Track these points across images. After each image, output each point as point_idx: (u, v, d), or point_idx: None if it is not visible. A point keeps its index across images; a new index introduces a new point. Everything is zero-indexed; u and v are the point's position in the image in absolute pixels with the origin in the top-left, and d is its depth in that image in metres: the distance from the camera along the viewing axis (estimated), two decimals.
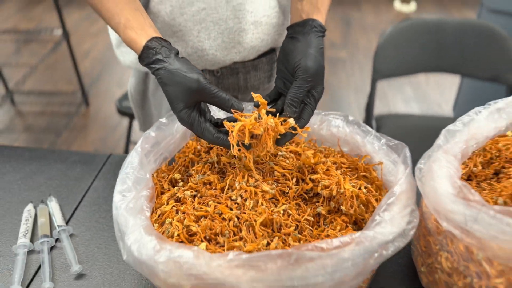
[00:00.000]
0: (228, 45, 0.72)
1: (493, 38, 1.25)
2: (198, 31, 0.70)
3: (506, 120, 0.61)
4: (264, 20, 0.73)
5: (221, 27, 0.70)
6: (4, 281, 0.58)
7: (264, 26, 0.73)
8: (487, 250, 0.43)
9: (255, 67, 0.79)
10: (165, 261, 0.45)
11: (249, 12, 0.70)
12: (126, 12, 0.58)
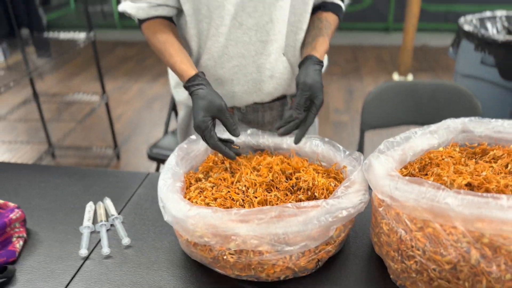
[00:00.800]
0: (251, 90, 0.99)
1: (461, 96, 1.51)
2: (232, 80, 0.97)
3: (437, 139, 0.85)
4: (278, 75, 0.99)
5: (248, 78, 0.97)
6: (75, 250, 0.80)
7: (278, 79, 1.00)
8: (406, 209, 0.65)
9: (271, 107, 1.05)
10: (193, 215, 0.67)
11: (268, 69, 0.97)
12: (181, 55, 0.87)
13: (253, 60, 0.95)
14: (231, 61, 0.95)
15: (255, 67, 0.96)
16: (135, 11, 0.92)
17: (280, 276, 0.72)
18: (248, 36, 0.92)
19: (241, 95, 1.00)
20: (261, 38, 0.92)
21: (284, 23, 0.92)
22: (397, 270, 0.71)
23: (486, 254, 0.60)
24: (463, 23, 1.76)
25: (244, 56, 0.95)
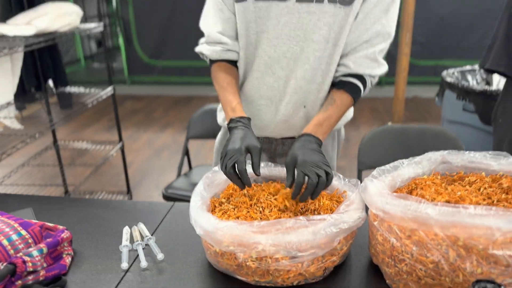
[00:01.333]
0: (266, 127, 1.17)
1: (447, 139, 1.68)
2: (255, 115, 1.16)
3: (421, 169, 1.01)
4: (293, 122, 1.15)
5: (266, 117, 1.16)
6: (116, 264, 0.94)
7: (291, 125, 1.16)
8: (395, 220, 0.80)
9: (283, 143, 1.22)
10: (222, 228, 0.82)
11: (283, 114, 1.14)
12: (238, 99, 1.07)
13: (275, 105, 1.14)
14: (260, 101, 1.14)
15: (275, 110, 1.15)
16: (210, 52, 1.12)
17: (293, 282, 0.85)
18: (276, 82, 1.11)
19: (259, 128, 1.17)
20: (285, 86, 1.11)
21: (306, 80, 1.09)
22: (391, 274, 0.84)
23: (461, 254, 0.74)
24: (446, 76, 1.98)
25: (269, 99, 1.13)
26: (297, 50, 1.06)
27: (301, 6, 1.01)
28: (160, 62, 5.37)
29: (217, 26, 1.10)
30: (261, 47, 1.08)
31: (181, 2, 5.02)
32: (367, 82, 1.11)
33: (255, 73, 1.12)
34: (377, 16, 1.03)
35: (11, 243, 0.88)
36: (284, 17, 1.03)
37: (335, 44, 1.05)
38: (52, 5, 2.04)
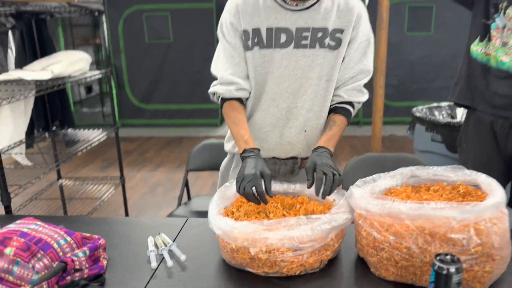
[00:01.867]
0: (273, 149, 1.39)
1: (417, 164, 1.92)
2: (262, 139, 1.37)
3: (395, 181, 1.23)
4: (295, 143, 1.38)
5: (273, 140, 1.38)
6: (146, 266, 1.11)
7: (294, 146, 1.38)
8: (375, 216, 1.01)
9: (286, 163, 1.42)
10: (237, 227, 1.01)
11: (287, 137, 1.37)
12: (249, 132, 1.29)
13: (279, 130, 1.37)
14: (266, 128, 1.38)
15: (279, 135, 1.38)
16: (224, 91, 1.33)
17: (296, 272, 1.04)
18: (280, 112, 1.35)
19: (267, 151, 1.40)
20: (288, 117, 1.35)
21: (307, 110, 1.34)
22: (374, 262, 1.04)
23: (428, 239, 0.95)
24: (416, 111, 2.27)
25: (273, 125, 1.37)
26: (296, 86, 1.32)
27: (298, 51, 1.29)
28: (151, 105, 5.61)
29: (229, 70, 1.33)
30: (268, 85, 1.33)
31: (171, 51, 5.36)
32: (355, 107, 1.40)
33: (263, 106, 1.36)
34: (358, 58, 1.33)
35: (60, 247, 1.05)
36: (284, 60, 1.30)
37: (328, 80, 1.32)
38: (65, 53, 2.28)
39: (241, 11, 1.30)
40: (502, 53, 1.62)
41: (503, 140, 1.68)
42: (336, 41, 1.29)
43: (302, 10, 1.28)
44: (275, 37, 1.29)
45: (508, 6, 1.59)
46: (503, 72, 1.62)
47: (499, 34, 1.62)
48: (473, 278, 0.97)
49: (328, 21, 1.28)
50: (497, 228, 0.96)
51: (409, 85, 5.23)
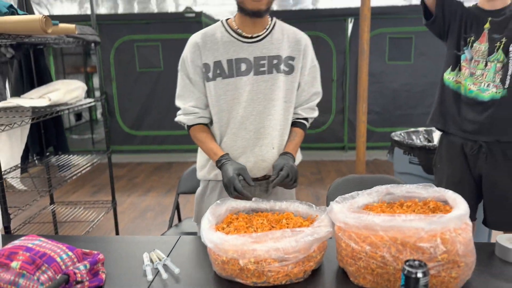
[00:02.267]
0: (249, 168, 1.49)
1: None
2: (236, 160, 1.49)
3: (372, 198, 1.34)
4: (268, 161, 1.50)
5: (247, 160, 1.49)
6: (142, 278, 1.19)
7: (266, 163, 1.50)
8: (353, 229, 1.12)
9: (260, 184, 1.52)
10: (228, 240, 1.11)
11: (260, 155, 1.49)
12: (216, 145, 1.47)
13: (250, 150, 1.49)
14: (238, 150, 1.50)
15: (251, 154, 1.50)
16: (186, 120, 1.52)
17: (282, 281, 1.13)
18: (249, 134, 1.48)
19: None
20: (257, 136, 1.49)
21: (272, 129, 1.49)
22: (353, 271, 1.14)
23: (400, 248, 1.06)
24: (394, 136, 2.41)
25: (244, 147, 1.49)
26: (261, 108, 1.48)
27: (258, 77, 1.46)
28: (141, 132, 5.70)
29: (190, 102, 1.51)
30: (234, 110, 1.48)
31: (162, 79, 5.50)
32: (309, 121, 1.63)
33: (232, 130, 1.50)
34: (310, 83, 1.56)
35: (62, 260, 1.13)
36: (247, 86, 1.47)
37: (287, 102, 1.51)
38: (61, 82, 2.38)
39: (201, 47, 1.46)
40: (470, 82, 1.78)
41: (473, 161, 1.82)
42: (289, 67, 1.49)
43: (256, 42, 1.47)
44: (236, 66, 1.46)
45: (474, 41, 1.76)
46: (471, 100, 1.77)
47: (468, 65, 1.78)
48: (441, 283, 1.07)
49: (280, 49, 1.48)
50: (461, 237, 1.07)
51: (392, 111, 5.43)
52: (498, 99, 1.72)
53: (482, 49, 1.74)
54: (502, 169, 1.77)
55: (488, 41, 1.73)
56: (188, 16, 5.29)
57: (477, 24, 1.76)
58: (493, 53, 1.72)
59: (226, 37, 1.47)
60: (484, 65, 1.74)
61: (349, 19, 5.34)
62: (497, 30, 1.72)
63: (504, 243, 1.28)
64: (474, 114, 1.78)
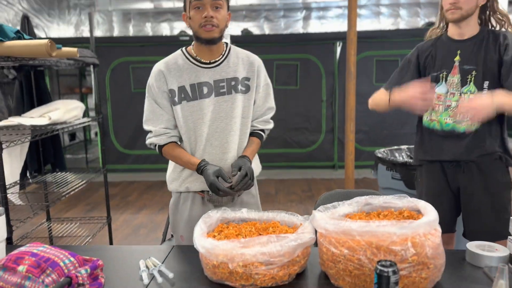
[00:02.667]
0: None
1: None
2: None
3: (352, 208, 1.46)
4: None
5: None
6: (139, 282, 1.28)
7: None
8: (332, 234, 1.23)
9: None
10: (218, 245, 1.21)
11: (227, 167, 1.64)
12: (190, 157, 1.60)
13: (217, 163, 1.63)
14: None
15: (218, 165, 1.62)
16: (159, 141, 1.67)
17: (268, 284, 1.23)
18: (215, 149, 1.65)
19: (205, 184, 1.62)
20: (223, 151, 1.65)
21: (234, 144, 1.66)
22: (333, 274, 1.24)
23: (374, 251, 1.17)
24: (377, 153, 2.54)
25: (212, 161, 1.63)
26: (224, 125, 1.65)
27: (219, 98, 1.65)
28: (134, 151, 5.79)
29: (160, 124, 1.66)
30: (200, 129, 1.64)
31: None
32: (265, 132, 1.80)
33: (200, 146, 1.66)
34: (264, 99, 1.75)
35: (65, 265, 1.22)
36: (210, 107, 1.63)
37: (245, 118, 1.70)
38: (61, 101, 2.50)
39: (166, 75, 1.62)
40: (446, 116, 1.88)
41: (451, 175, 1.94)
42: (245, 87, 1.68)
43: (215, 67, 1.64)
44: (199, 90, 1.63)
45: (447, 75, 1.88)
46: (449, 132, 1.87)
47: (441, 102, 1.89)
48: (412, 284, 1.18)
49: (237, 72, 1.66)
50: (430, 241, 1.19)
51: (379, 131, 5.59)
52: (473, 130, 1.84)
53: (455, 81, 1.84)
54: (477, 183, 1.88)
55: (460, 73, 1.84)
56: (182, 39, 5.47)
57: (448, 57, 1.86)
58: (466, 84, 1.83)
59: (187, 64, 1.63)
60: (458, 97, 1.85)
61: (338, 42, 5.55)
62: (467, 62, 1.83)
63: (473, 249, 1.39)
64: (452, 145, 1.87)
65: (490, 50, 1.80)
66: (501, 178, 1.88)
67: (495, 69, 1.79)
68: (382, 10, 8.46)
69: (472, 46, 1.83)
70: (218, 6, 1.54)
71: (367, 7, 8.41)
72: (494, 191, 1.87)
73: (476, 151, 1.85)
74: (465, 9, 1.77)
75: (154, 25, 8.66)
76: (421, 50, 1.96)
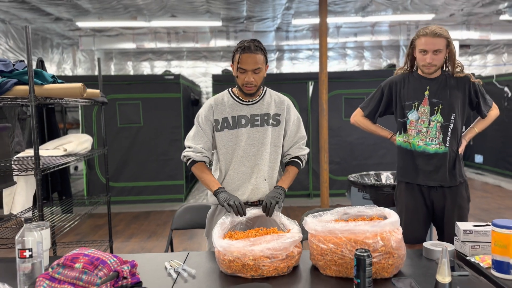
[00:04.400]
0: (245, 195, 1.99)
1: None
2: (238, 188, 2.00)
3: (334, 216, 1.83)
4: (260, 189, 2.01)
5: (244, 188, 2.00)
6: (166, 278, 1.60)
7: (259, 191, 2.00)
8: (321, 234, 1.59)
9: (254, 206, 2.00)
10: (233, 244, 1.55)
11: (253, 184, 2.00)
12: (215, 180, 1.95)
13: (248, 181, 1.99)
14: (239, 181, 1.99)
15: (249, 184, 1.99)
16: (195, 156, 2.01)
17: (272, 274, 1.57)
18: (246, 169, 1.99)
19: (241, 196, 1.98)
20: (252, 171, 1.99)
21: (264, 166, 2.01)
22: (322, 265, 1.60)
23: (353, 245, 1.54)
24: (350, 177, 2.97)
25: (243, 179, 1.99)
26: (255, 151, 2.02)
27: (253, 129, 2.02)
28: (118, 183, 6.01)
29: (200, 144, 2.03)
30: (236, 152, 2.01)
31: (141, 134, 5.95)
32: (301, 158, 2.13)
33: (234, 166, 2.01)
34: (295, 131, 2.11)
35: (111, 263, 1.53)
36: (246, 135, 2.01)
37: (276, 146, 2.04)
38: (73, 135, 2.80)
39: (214, 108, 2.04)
40: (418, 139, 2.33)
41: (426, 192, 2.35)
42: (276, 121, 2.05)
43: (252, 104, 2.04)
44: (238, 121, 2.02)
45: (419, 105, 2.33)
46: (420, 153, 2.32)
47: (413, 127, 2.34)
48: (382, 269, 1.55)
49: (269, 109, 2.05)
50: (394, 237, 1.58)
51: (350, 162, 6.08)
52: (440, 153, 2.29)
53: (425, 110, 2.31)
54: (448, 199, 2.31)
55: (429, 104, 2.30)
56: (167, 78, 5.87)
57: (419, 91, 2.32)
58: (434, 114, 2.30)
59: (231, 101, 2.05)
60: (428, 124, 2.30)
61: (310, 82, 6.10)
62: (435, 96, 2.29)
63: (428, 246, 1.79)
64: (423, 163, 2.32)
65: (454, 89, 2.29)
66: (464, 194, 2.33)
67: (459, 105, 2.30)
68: (348, 52, 9.23)
69: (438, 84, 2.31)
70: (258, 70, 1.95)
71: (334, 49, 9.15)
72: (460, 204, 2.31)
73: (441, 172, 2.29)
74: (438, 65, 2.27)
75: (135, 64, 9.08)
76: (394, 82, 2.42)
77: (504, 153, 7.48)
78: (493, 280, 1.54)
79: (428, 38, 2.21)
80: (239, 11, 6.80)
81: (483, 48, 9.58)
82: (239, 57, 1.92)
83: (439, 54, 2.22)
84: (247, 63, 1.91)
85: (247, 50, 1.91)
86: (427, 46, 2.21)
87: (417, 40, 2.27)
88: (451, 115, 2.28)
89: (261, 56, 1.94)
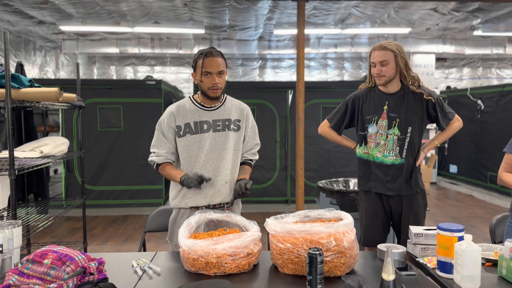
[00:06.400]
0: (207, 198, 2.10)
1: None
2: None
3: (296, 218, 1.94)
4: (221, 192, 2.12)
5: (205, 191, 2.09)
6: (133, 274, 1.68)
7: (220, 194, 2.11)
8: (280, 234, 1.70)
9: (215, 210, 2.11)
10: (197, 243, 1.65)
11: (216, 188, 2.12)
12: (179, 173, 2.04)
13: (210, 184, 2.09)
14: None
15: (210, 187, 2.09)
16: (158, 159, 2.13)
17: (234, 271, 1.67)
18: (208, 173, 2.09)
19: (204, 200, 2.10)
20: (214, 174, 2.10)
21: (226, 169, 2.12)
22: (280, 264, 1.71)
23: (309, 245, 1.65)
24: (319, 183, 3.10)
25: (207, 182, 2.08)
26: (217, 155, 2.13)
27: (215, 134, 2.14)
28: (97, 187, 6.03)
29: (163, 150, 2.15)
30: (199, 156, 2.12)
31: (121, 138, 5.99)
32: (253, 161, 2.31)
33: (196, 170, 2.12)
34: (252, 137, 2.29)
35: (79, 260, 1.61)
36: (208, 140, 2.13)
37: (236, 150, 2.17)
38: (50, 138, 2.86)
39: (176, 115, 2.15)
40: (376, 151, 2.47)
41: (385, 199, 2.49)
42: (237, 126, 2.19)
43: (214, 110, 2.16)
44: (200, 126, 2.13)
45: (378, 118, 2.47)
46: (379, 164, 2.46)
47: (372, 139, 2.48)
48: (335, 267, 1.66)
49: (231, 114, 2.18)
50: (347, 237, 1.69)
51: (327, 169, 6.22)
52: (397, 164, 2.43)
53: (384, 124, 2.45)
54: (405, 205, 2.45)
55: (387, 118, 2.44)
56: (149, 83, 5.95)
57: (379, 106, 2.46)
58: (391, 128, 2.44)
59: (193, 107, 2.15)
60: (385, 137, 2.44)
61: (289, 91, 6.25)
62: (393, 110, 2.43)
63: (382, 248, 1.92)
64: (381, 173, 2.45)
65: (412, 104, 2.43)
66: (421, 201, 2.47)
67: (416, 119, 2.43)
68: (329, 63, 9.45)
69: (396, 99, 2.44)
70: (221, 73, 2.08)
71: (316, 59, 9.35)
72: (415, 210, 2.45)
73: (398, 182, 2.43)
74: (388, 76, 2.40)
75: (118, 68, 9.11)
76: (357, 97, 2.56)
77: (477, 163, 7.75)
78: (437, 279, 1.67)
79: (376, 51, 2.39)
80: (222, 20, 6.93)
81: (459, 61, 9.91)
82: (203, 62, 2.04)
83: (387, 66, 2.37)
84: (211, 66, 2.03)
85: (209, 54, 2.04)
86: (374, 58, 2.39)
87: (371, 55, 2.42)
88: (408, 129, 2.42)
89: (222, 60, 2.08)
